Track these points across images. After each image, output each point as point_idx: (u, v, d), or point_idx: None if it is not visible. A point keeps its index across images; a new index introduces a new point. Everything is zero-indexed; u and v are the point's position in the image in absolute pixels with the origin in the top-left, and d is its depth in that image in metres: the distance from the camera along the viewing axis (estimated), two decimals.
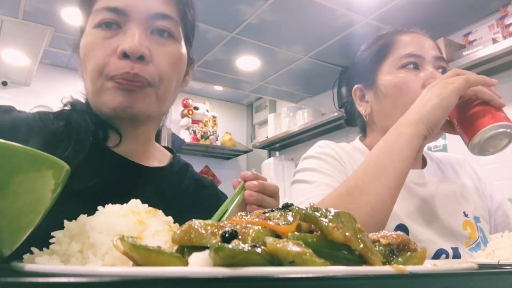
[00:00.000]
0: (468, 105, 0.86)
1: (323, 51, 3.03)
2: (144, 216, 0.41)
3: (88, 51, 0.76)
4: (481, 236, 1.02)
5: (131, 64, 0.72)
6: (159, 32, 0.77)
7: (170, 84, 0.79)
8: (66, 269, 0.31)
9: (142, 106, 0.74)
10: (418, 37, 1.06)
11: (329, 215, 0.35)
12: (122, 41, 0.73)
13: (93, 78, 0.74)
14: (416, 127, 0.82)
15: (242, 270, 0.27)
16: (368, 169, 0.82)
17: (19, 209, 0.35)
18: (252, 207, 0.68)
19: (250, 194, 0.68)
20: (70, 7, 2.49)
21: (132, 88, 0.73)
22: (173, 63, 0.79)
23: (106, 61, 0.73)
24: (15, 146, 0.34)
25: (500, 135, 0.82)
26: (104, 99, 0.74)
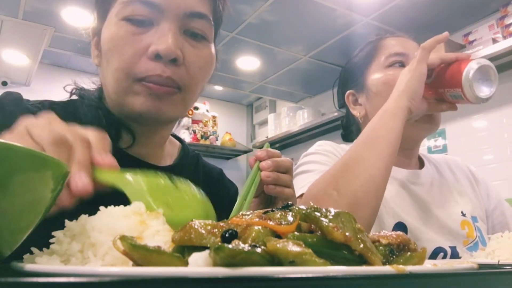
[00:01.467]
0: (441, 70, 0.92)
1: (323, 51, 3.03)
2: (146, 217, 0.41)
3: (114, 46, 0.69)
4: (479, 235, 1.02)
5: (163, 67, 0.68)
6: (193, 33, 0.73)
7: (197, 88, 0.76)
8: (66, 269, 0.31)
9: (169, 112, 0.71)
10: (403, 40, 1.11)
11: (329, 215, 0.35)
12: (155, 41, 0.68)
13: (119, 78, 0.69)
14: (397, 102, 0.89)
15: (242, 270, 0.27)
16: (360, 144, 0.87)
17: (19, 209, 0.35)
18: (269, 187, 0.69)
19: (266, 175, 0.68)
20: (70, 7, 2.49)
21: (162, 93, 0.69)
22: (204, 68, 0.75)
23: (135, 61, 0.68)
24: (15, 146, 0.34)
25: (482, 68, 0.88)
26: (131, 101, 0.69)
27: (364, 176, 0.80)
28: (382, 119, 0.88)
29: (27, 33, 2.77)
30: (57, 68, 3.62)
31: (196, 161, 0.94)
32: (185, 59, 0.71)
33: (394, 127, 0.86)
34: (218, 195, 0.92)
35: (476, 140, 2.55)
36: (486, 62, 0.89)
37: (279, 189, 0.69)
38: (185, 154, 0.91)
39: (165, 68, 0.68)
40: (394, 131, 0.86)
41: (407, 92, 0.88)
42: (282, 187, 0.70)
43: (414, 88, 0.88)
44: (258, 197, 0.73)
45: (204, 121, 4.07)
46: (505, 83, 2.42)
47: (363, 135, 0.89)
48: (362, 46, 1.16)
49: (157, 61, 0.68)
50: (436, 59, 0.91)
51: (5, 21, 2.62)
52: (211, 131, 4.09)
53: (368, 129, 0.89)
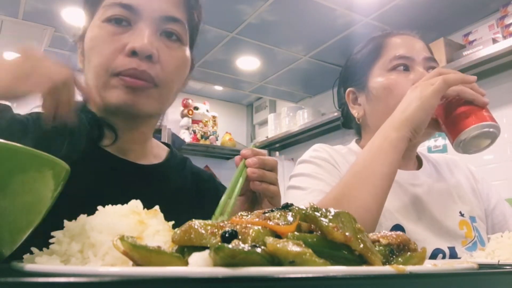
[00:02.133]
0: (452, 105, 0.86)
1: (323, 51, 3.03)
2: (145, 216, 0.41)
3: (94, 45, 0.75)
4: (477, 235, 1.02)
5: (139, 62, 0.72)
6: (168, 34, 0.78)
7: (173, 86, 0.80)
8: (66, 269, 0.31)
9: (145, 106, 0.75)
10: (408, 39, 1.06)
11: (329, 215, 0.35)
12: (132, 39, 0.73)
13: (98, 73, 0.74)
14: (400, 131, 0.83)
15: (242, 270, 0.27)
16: (355, 176, 0.82)
17: (19, 209, 0.35)
18: (255, 183, 0.71)
19: (252, 171, 0.70)
20: (70, 7, 2.49)
21: (137, 86, 0.73)
22: (179, 67, 0.80)
23: (113, 57, 0.73)
24: (15, 146, 0.34)
25: (484, 135, 0.83)
26: (108, 95, 0.73)
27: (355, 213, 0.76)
28: (381, 149, 0.82)
29: (27, 33, 2.77)
30: None
31: (184, 162, 0.96)
32: (160, 57, 0.75)
33: (393, 160, 0.81)
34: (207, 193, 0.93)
35: None
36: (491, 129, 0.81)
37: (264, 185, 0.71)
38: (173, 156, 0.94)
39: (140, 63, 0.72)
40: (393, 164, 0.81)
41: (412, 123, 0.82)
42: (268, 183, 0.72)
43: (419, 121, 0.82)
44: (244, 195, 0.75)
45: (204, 121, 4.07)
46: (505, 83, 2.42)
47: (358, 165, 0.84)
48: (366, 42, 1.13)
49: (133, 57, 0.73)
50: (452, 92, 0.84)
51: (5, 21, 2.62)
52: (211, 131, 4.09)
53: (365, 158, 0.84)
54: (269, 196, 0.73)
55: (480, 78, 2.64)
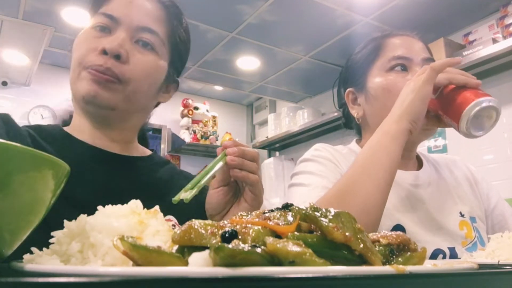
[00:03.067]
0: (447, 94, 0.88)
1: (323, 51, 3.03)
2: (145, 216, 0.41)
3: (76, 45, 0.86)
4: (478, 236, 1.02)
5: (106, 59, 0.81)
6: (143, 43, 0.86)
7: (139, 86, 0.85)
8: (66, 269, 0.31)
9: (106, 98, 0.81)
10: (408, 40, 1.07)
11: (329, 215, 0.35)
12: (106, 42, 0.82)
13: (74, 67, 0.83)
14: (399, 124, 0.85)
15: (242, 270, 0.27)
16: (357, 170, 0.84)
17: (19, 209, 0.35)
18: (235, 171, 0.74)
19: (231, 158, 0.73)
20: (70, 7, 2.49)
21: (100, 80, 0.80)
22: (147, 70, 0.86)
23: (87, 54, 0.82)
24: (15, 146, 0.34)
25: (484, 111, 0.84)
26: (77, 86, 0.82)
27: (358, 209, 0.77)
28: (381, 142, 0.84)
29: (27, 33, 2.77)
30: (57, 68, 3.61)
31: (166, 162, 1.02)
32: (130, 59, 0.83)
33: (394, 152, 0.83)
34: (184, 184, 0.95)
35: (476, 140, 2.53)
36: (490, 102, 0.83)
37: (244, 173, 0.75)
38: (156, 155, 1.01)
39: (107, 61, 0.81)
40: (394, 157, 0.83)
41: (410, 114, 0.85)
42: (247, 172, 0.75)
43: (417, 111, 0.85)
44: (227, 186, 0.80)
45: (204, 121, 4.07)
46: (505, 83, 2.42)
47: (360, 159, 0.85)
48: (366, 43, 1.13)
49: (103, 55, 0.81)
50: (444, 80, 0.87)
51: (5, 21, 2.61)
52: (211, 131, 4.09)
53: (366, 153, 0.85)
54: (249, 184, 0.76)
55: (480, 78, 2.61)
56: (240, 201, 0.79)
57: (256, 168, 0.77)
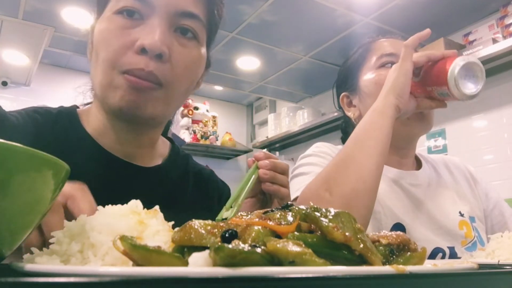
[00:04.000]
0: (428, 68, 0.92)
1: (323, 51, 3.03)
2: (144, 216, 0.41)
3: (103, 38, 0.70)
4: (477, 235, 1.03)
5: (147, 61, 0.68)
6: (183, 31, 0.73)
7: (180, 87, 0.75)
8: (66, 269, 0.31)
9: (148, 109, 0.71)
10: (395, 41, 1.11)
11: (329, 215, 0.35)
12: (143, 35, 0.68)
13: (105, 69, 0.70)
14: (385, 99, 0.88)
15: (242, 270, 0.27)
16: (350, 144, 0.87)
17: (19, 209, 0.35)
18: (266, 184, 0.73)
19: (264, 172, 0.72)
20: (70, 7, 2.49)
21: (142, 88, 0.69)
22: (190, 67, 0.75)
23: (121, 53, 0.68)
24: (15, 146, 0.34)
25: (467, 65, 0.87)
26: (112, 94, 0.69)
27: (355, 177, 0.80)
28: (371, 118, 0.88)
29: (27, 33, 2.77)
30: (57, 68, 3.61)
31: (186, 161, 0.93)
32: (172, 56, 0.71)
33: (383, 125, 0.86)
34: (208, 196, 0.92)
35: (476, 140, 2.55)
36: (471, 59, 0.88)
37: (275, 187, 0.73)
38: (175, 154, 0.91)
39: (149, 63, 0.68)
40: (383, 129, 0.86)
41: (394, 89, 0.88)
42: (279, 186, 0.73)
43: (401, 85, 0.88)
44: (255, 197, 0.77)
45: (204, 121, 4.07)
46: (505, 83, 2.42)
47: (353, 136, 0.89)
48: (356, 49, 1.17)
49: (142, 55, 0.68)
50: (422, 57, 0.91)
51: (5, 21, 2.61)
52: (211, 131, 4.09)
53: (357, 129, 0.89)
54: (279, 197, 0.75)
55: None
56: None
57: (287, 182, 0.76)
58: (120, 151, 0.78)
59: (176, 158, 0.90)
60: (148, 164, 0.83)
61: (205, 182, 0.94)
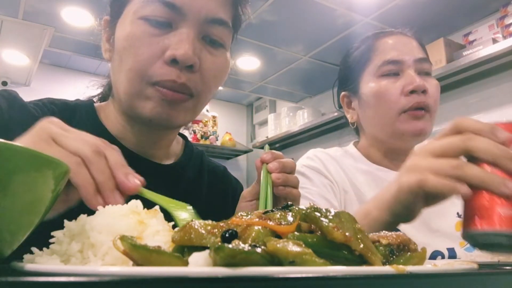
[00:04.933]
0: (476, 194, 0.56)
1: (323, 51, 3.03)
2: (145, 216, 0.41)
3: (130, 45, 0.67)
4: None
5: (178, 72, 0.66)
6: (212, 40, 0.71)
7: (209, 95, 0.75)
8: (66, 269, 0.31)
9: (179, 119, 0.70)
10: (399, 39, 1.04)
11: (329, 215, 0.35)
12: (173, 45, 0.66)
13: (132, 79, 0.67)
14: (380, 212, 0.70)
15: (242, 270, 0.27)
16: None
17: (19, 209, 0.35)
18: (279, 188, 0.67)
19: (277, 177, 0.67)
20: (70, 7, 2.49)
21: (174, 99, 0.67)
22: (219, 75, 0.75)
23: (151, 63, 0.66)
24: (15, 146, 0.34)
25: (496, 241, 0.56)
26: (141, 105, 0.68)
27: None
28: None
29: (27, 33, 2.76)
30: (57, 68, 3.61)
31: (200, 159, 0.93)
32: (201, 66, 0.69)
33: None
34: (223, 193, 0.92)
35: None
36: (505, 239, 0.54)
37: (288, 190, 0.68)
38: (189, 151, 0.91)
39: (180, 74, 0.66)
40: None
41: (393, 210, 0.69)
42: (291, 187, 0.69)
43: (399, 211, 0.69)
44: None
45: (204, 121, 4.07)
46: (505, 83, 2.41)
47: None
48: (358, 44, 1.12)
49: (172, 66, 0.66)
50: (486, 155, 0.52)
51: (5, 21, 2.61)
52: (211, 131, 4.08)
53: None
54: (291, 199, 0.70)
55: (480, 78, 2.64)
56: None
57: (298, 181, 0.70)
58: (138, 151, 0.78)
59: (191, 155, 0.90)
60: (164, 162, 0.83)
61: (219, 180, 0.94)
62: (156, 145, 0.80)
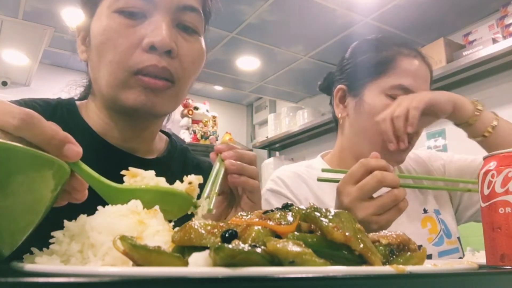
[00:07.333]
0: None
1: (323, 51, 3.03)
2: (144, 216, 0.41)
3: (107, 38, 0.69)
4: (443, 228, 1.03)
5: (158, 58, 0.68)
6: (185, 26, 0.73)
7: (189, 81, 0.76)
8: (66, 269, 0.31)
9: (163, 106, 0.72)
10: (420, 67, 1.03)
11: (329, 215, 0.35)
12: (149, 33, 0.68)
13: (114, 70, 0.69)
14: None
15: (242, 270, 0.27)
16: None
17: (19, 209, 0.35)
18: (233, 176, 0.66)
19: (231, 163, 0.65)
20: (70, 7, 2.49)
21: (157, 88, 0.69)
22: (196, 60, 0.76)
23: (130, 53, 0.68)
24: (15, 146, 0.34)
25: None
26: (124, 96, 0.69)
27: None
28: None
29: (27, 33, 2.76)
30: (57, 68, 3.61)
31: (185, 154, 0.94)
32: (179, 52, 0.71)
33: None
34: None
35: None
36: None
37: (243, 178, 0.66)
38: (173, 147, 0.92)
39: (160, 59, 0.68)
40: None
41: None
42: (247, 177, 0.67)
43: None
44: (222, 195, 0.71)
45: (204, 121, 4.07)
46: (505, 83, 2.42)
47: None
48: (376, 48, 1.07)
49: (151, 52, 0.68)
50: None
51: (5, 21, 2.61)
52: (211, 131, 4.09)
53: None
54: (248, 190, 0.68)
55: (480, 78, 2.64)
56: (236, 211, 0.71)
57: (257, 172, 0.69)
58: (122, 146, 0.79)
59: (174, 151, 0.91)
60: (148, 157, 0.84)
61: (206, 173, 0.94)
62: (140, 138, 0.81)
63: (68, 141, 0.42)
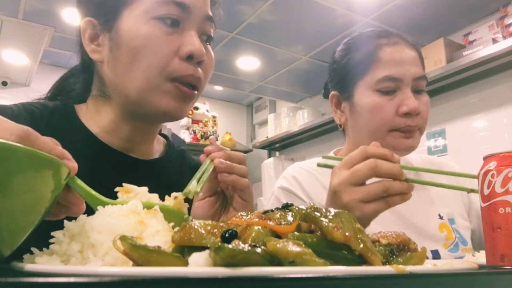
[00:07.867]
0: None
1: (323, 51, 3.03)
2: (144, 216, 0.41)
3: (148, 43, 0.70)
4: (458, 236, 1.02)
5: (194, 68, 0.72)
6: (207, 36, 0.77)
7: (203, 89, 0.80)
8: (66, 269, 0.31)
9: (186, 112, 0.75)
10: (402, 51, 1.01)
11: (329, 215, 0.35)
12: (185, 42, 0.71)
13: (151, 75, 0.70)
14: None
15: (242, 270, 0.27)
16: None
17: (19, 209, 0.35)
18: (223, 175, 0.67)
19: (220, 162, 0.66)
20: (70, 7, 2.49)
21: (190, 96, 0.73)
22: (212, 68, 0.80)
23: (168, 60, 0.70)
24: (15, 146, 0.34)
25: None
26: (156, 99, 0.71)
27: None
28: None
29: (27, 33, 2.76)
30: (57, 68, 3.61)
31: (182, 156, 0.95)
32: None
33: None
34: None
35: (476, 140, 2.55)
36: None
37: (233, 177, 0.67)
38: (170, 149, 0.93)
39: (196, 69, 0.72)
40: None
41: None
42: (237, 176, 0.68)
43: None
44: (214, 196, 0.72)
45: (204, 121, 4.07)
46: (505, 83, 2.42)
47: None
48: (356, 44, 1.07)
49: (188, 61, 0.71)
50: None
51: (5, 21, 2.61)
52: (211, 131, 4.08)
53: None
54: (238, 189, 0.69)
55: (480, 78, 2.64)
56: (228, 211, 0.72)
57: (246, 171, 0.70)
58: (122, 148, 0.80)
59: (172, 153, 0.93)
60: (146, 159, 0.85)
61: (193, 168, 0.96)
62: (145, 140, 0.83)
63: (64, 157, 0.44)
